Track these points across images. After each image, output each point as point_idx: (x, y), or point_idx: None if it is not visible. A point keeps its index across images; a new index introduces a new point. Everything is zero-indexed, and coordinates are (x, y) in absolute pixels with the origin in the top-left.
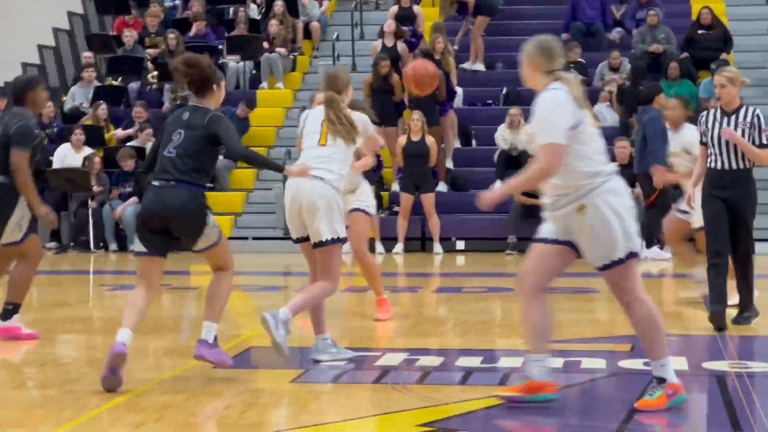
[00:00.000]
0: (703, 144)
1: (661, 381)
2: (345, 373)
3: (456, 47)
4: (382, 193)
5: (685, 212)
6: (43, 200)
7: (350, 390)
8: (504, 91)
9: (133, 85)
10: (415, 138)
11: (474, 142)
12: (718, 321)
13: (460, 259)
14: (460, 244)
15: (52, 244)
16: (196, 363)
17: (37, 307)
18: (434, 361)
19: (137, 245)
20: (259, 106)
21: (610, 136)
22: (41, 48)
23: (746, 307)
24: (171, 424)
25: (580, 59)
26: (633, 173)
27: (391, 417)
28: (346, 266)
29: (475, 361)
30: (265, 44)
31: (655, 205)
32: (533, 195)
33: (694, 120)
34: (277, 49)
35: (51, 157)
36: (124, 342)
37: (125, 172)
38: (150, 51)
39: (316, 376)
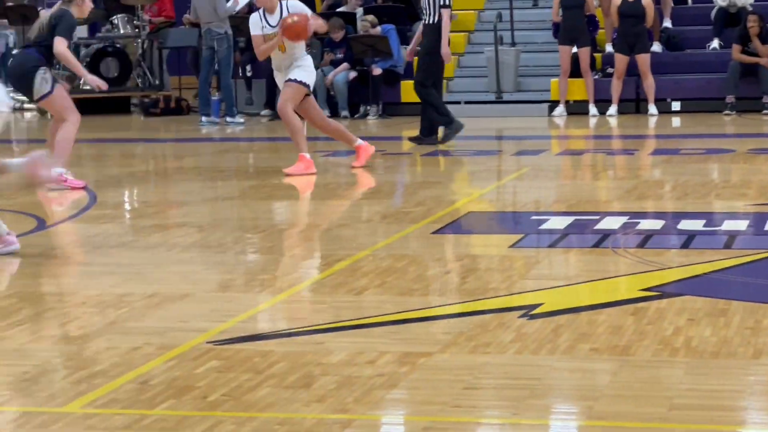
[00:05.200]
0: None
1: None
2: (564, 238)
3: None
4: (595, 54)
5: None
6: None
7: (570, 255)
8: None
9: None
10: None
11: (690, 0)
12: None
13: (676, 120)
14: (676, 105)
15: (266, 112)
16: (413, 228)
17: (254, 173)
18: (654, 224)
19: None
20: None
21: None
22: None
23: None
24: (393, 290)
25: None
26: None
27: (613, 281)
28: (560, 129)
29: (697, 224)
30: None
31: None
32: (753, 53)
33: None
34: None
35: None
36: None
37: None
38: None
39: (534, 242)
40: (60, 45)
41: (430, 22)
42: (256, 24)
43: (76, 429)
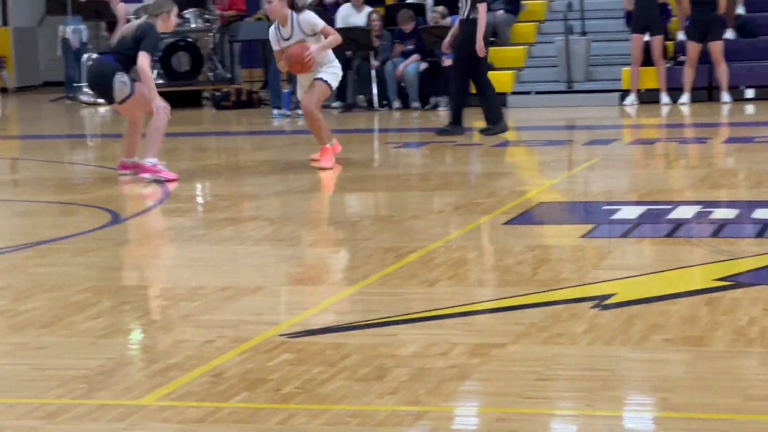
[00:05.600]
0: None
1: None
2: (636, 228)
3: None
4: (667, 42)
5: None
6: None
7: (642, 244)
8: None
9: None
10: None
11: None
12: None
13: (750, 108)
14: (749, 93)
15: (337, 103)
16: (485, 219)
17: None
18: (728, 213)
19: None
20: None
21: None
22: None
23: None
24: (464, 281)
25: None
26: None
27: (686, 271)
28: (632, 118)
29: None
30: None
31: None
32: None
33: None
34: None
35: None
36: None
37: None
38: None
39: (606, 231)
40: (143, 60)
41: (465, 17)
42: (273, 38)
43: (151, 422)
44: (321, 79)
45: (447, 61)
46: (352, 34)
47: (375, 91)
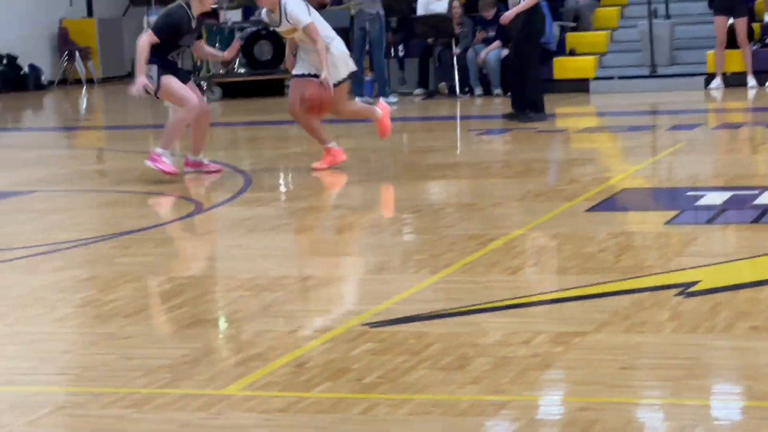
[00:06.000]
0: None
1: None
2: (721, 214)
3: None
4: (753, 24)
5: None
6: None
7: (728, 231)
8: None
9: None
10: None
11: None
12: None
13: None
14: None
15: (419, 91)
16: (567, 206)
17: (408, 153)
18: None
19: None
20: None
21: None
22: None
23: None
24: (547, 269)
25: None
26: None
27: None
28: (717, 102)
29: None
30: None
31: None
32: None
33: None
34: None
35: (414, 4)
36: None
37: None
38: None
39: (690, 218)
40: (143, 38)
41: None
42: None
43: (236, 411)
44: (337, 82)
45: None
46: (434, 21)
47: (456, 78)
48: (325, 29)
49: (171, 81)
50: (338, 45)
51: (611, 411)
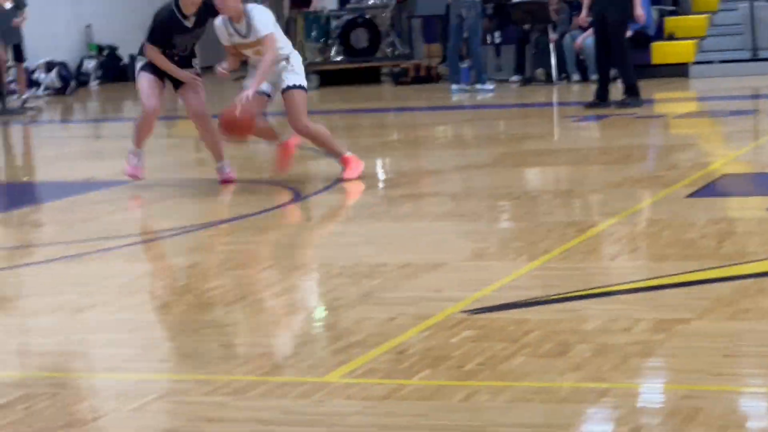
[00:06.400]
0: None
1: None
2: None
3: None
4: None
5: None
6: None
7: None
8: None
9: None
10: None
11: None
12: None
13: None
14: None
15: (516, 77)
16: (667, 192)
17: (504, 140)
18: None
19: None
20: None
21: None
22: None
23: None
24: (647, 255)
25: None
26: None
27: None
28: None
29: None
30: None
31: None
32: None
33: None
34: None
35: None
36: None
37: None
38: None
39: None
40: (147, 51)
41: None
42: (222, 33)
43: (337, 398)
44: (295, 86)
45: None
46: (530, 7)
47: (554, 64)
48: (283, 42)
49: (141, 79)
50: (297, 57)
51: (715, 399)
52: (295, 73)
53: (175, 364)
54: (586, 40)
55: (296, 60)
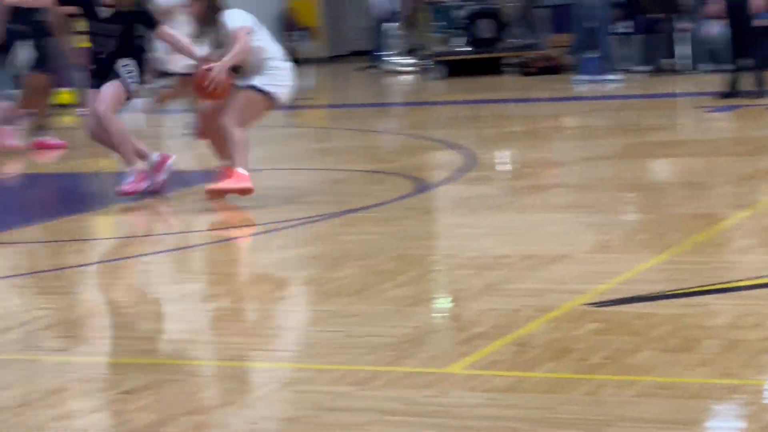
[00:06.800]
0: None
1: None
2: None
3: None
4: None
5: None
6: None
7: None
8: None
9: None
10: None
11: None
12: None
13: None
14: None
15: (644, 67)
16: None
17: (631, 131)
18: None
19: None
20: None
21: None
22: None
23: None
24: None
25: None
26: None
27: None
28: None
29: None
30: None
31: None
32: None
33: None
34: None
35: None
36: None
37: None
38: None
39: None
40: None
41: None
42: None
43: (459, 390)
44: (251, 86)
45: (760, 22)
46: None
47: (683, 53)
48: (268, 44)
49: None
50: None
51: None
52: (265, 76)
53: (299, 353)
54: (716, 29)
55: (281, 67)
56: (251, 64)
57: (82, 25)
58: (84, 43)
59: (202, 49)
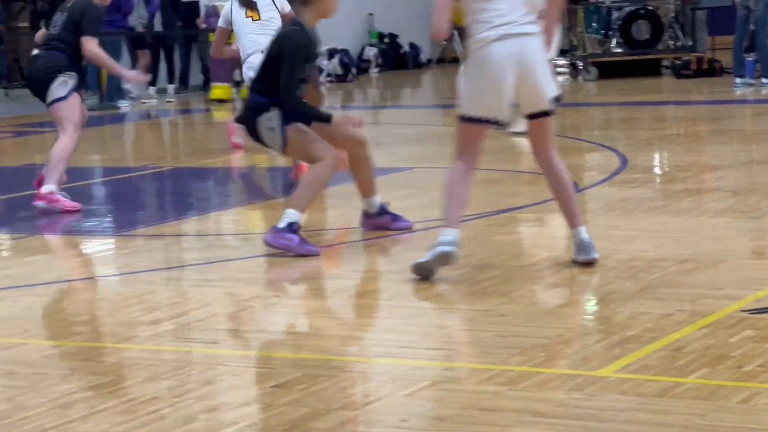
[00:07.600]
0: None
1: None
2: None
3: None
4: None
5: None
6: None
7: None
8: None
9: None
10: None
11: None
12: None
13: None
14: None
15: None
16: None
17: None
18: None
19: None
20: None
21: None
22: None
23: None
24: None
25: None
26: None
27: None
28: None
29: None
30: None
31: None
32: None
33: None
34: None
35: None
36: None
37: None
38: None
39: None
40: (90, 44)
41: None
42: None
43: (610, 393)
44: None
45: None
46: None
47: None
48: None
49: (77, 101)
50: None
51: None
52: None
53: (449, 351)
54: None
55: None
56: None
57: None
58: None
59: None
